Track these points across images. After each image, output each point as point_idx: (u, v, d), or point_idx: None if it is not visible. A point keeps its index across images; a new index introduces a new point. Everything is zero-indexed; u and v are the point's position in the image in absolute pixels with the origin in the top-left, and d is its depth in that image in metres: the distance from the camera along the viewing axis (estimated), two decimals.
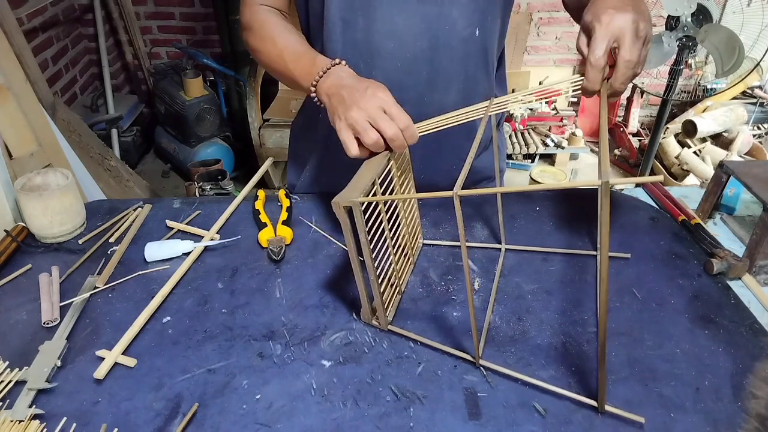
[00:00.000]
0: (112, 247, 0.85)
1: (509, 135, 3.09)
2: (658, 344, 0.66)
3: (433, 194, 0.56)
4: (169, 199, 0.97)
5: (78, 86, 2.93)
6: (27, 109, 1.58)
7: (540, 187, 0.51)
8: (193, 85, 2.74)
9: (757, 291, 0.76)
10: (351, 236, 0.61)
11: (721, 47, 1.92)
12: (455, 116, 0.70)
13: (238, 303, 0.73)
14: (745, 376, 0.61)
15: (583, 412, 0.58)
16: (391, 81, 0.83)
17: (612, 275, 0.77)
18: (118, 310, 0.72)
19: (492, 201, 0.94)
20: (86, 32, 3.04)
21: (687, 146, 2.83)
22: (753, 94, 3.01)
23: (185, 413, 0.58)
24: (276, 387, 0.61)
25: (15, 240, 0.83)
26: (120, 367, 0.64)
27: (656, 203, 0.97)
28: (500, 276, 0.77)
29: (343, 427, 0.56)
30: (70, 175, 0.87)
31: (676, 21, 2.04)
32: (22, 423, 0.56)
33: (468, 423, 0.57)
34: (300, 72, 0.78)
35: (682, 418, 0.57)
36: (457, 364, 0.64)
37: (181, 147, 2.85)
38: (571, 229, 0.88)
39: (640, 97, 3.23)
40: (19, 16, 2.18)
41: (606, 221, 0.46)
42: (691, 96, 2.89)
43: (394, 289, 0.72)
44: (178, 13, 3.13)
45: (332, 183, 0.79)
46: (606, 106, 0.59)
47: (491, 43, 0.87)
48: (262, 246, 0.84)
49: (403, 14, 0.78)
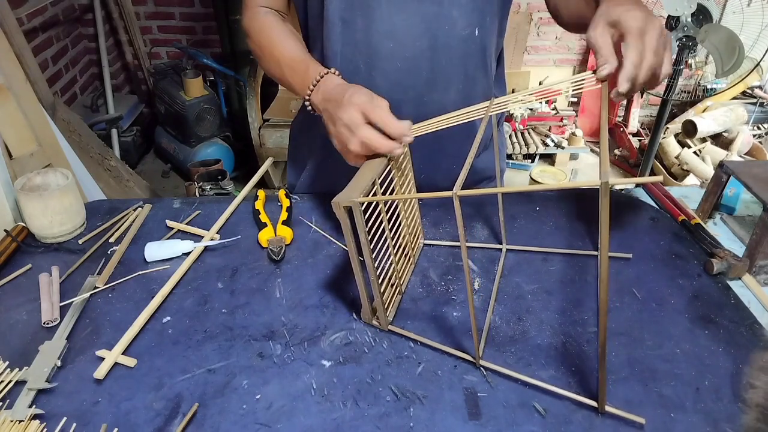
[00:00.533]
0: (112, 247, 0.85)
1: (509, 135, 3.09)
2: (658, 344, 0.66)
3: (432, 194, 0.56)
4: (169, 199, 0.97)
5: (78, 86, 2.93)
6: (27, 109, 1.58)
7: (540, 187, 0.51)
8: (193, 85, 2.74)
9: (757, 291, 0.76)
10: (351, 236, 0.61)
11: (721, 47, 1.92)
12: (455, 116, 0.70)
13: (238, 303, 0.73)
14: (745, 375, 0.61)
15: (583, 412, 0.58)
16: (391, 81, 0.83)
17: (612, 275, 0.77)
18: (118, 310, 0.72)
19: (492, 201, 0.94)
20: (86, 32, 3.04)
21: (687, 146, 2.83)
22: (753, 94, 3.02)
23: (185, 413, 0.58)
24: (276, 387, 0.61)
25: (15, 240, 0.83)
26: (120, 367, 0.64)
27: (656, 203, 0.97)
28: (500, 276, 0.77)
29: (343, 427, 0.56)
30: (70, 175, 0.87)
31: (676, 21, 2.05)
32: (22, 423, 0.56)
33: (468, 423, 0.57)
34: (296, 82, 0.80)
35: (682, 418, 0.57)
36: (457, 364, 0.64)
37: (181, 147, 2.85)
38: (571, 229, 0.88)
39: (640, 97, 3.23)
40: (19, 16, 2.18)
41: (606, 222, 0.46)
42: (691, 96, 2.89)
43: (394, 289, 0.72)
44: (178, 13, 3.14)
45: (332, 183, 0.79)
46: (606, 107, 0.59)
47: (490, 43, 0.87)
48: (262, 246, 0.84)
49: (402, 14, 0.78)
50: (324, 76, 0.75)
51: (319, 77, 0.75)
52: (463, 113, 0.70)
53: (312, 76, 0.76)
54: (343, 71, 0.82)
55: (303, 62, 0.79)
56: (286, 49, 0.82)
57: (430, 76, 0.84)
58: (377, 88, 0.82)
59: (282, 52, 0.82)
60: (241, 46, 2.88)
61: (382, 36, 0.80)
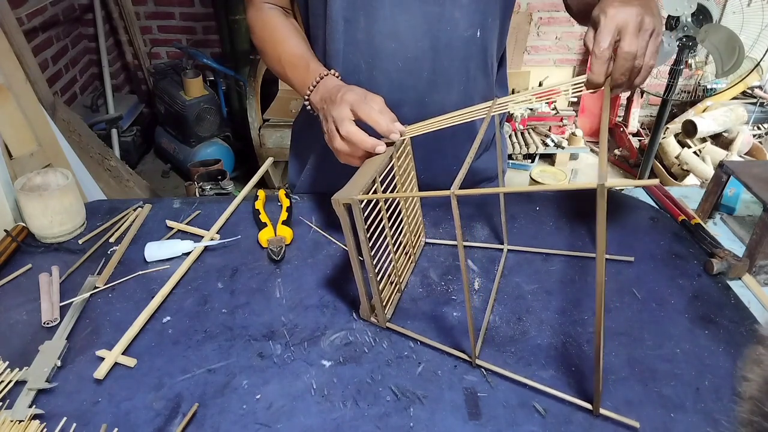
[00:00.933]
0: (112, 247, 0.85)
1: (509, 135, 3.09)
2: (658, 344, 0.66)
3: (430, 193, 0.56)
4: (169, 199, 0.97)
5: (78, 86, 2.93)
6: (27, 109, 1.58)
7: (539, 188, 0.51)
8: (193, 85, 2.74)
9: (757, 291, 0.76)
10: (350, 233, 0.61)
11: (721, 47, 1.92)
12: (456, 116, 0.70)
13: (238, 303, 0.73)
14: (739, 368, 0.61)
15: (583, 412, 0.58)
16: (392, 81, 0.83)
17: (612, 275, 0.77)
18: (118, 310, 0.72)
19: (493, 201, 0.94)
20: (86, 32, 3.04)
21: (687, 146, 2.83)
22: (753, 94, 3.02)
23: (185, 413, 0.58)
24: (276, 387, 0.61)
25: (15, 240, 0.83)
26: (120, 367, 0.64)
27: (656, 203, 0.97)
28: (501, 276, 0.77)
29: (343, 427, 0.56)
30: (70, 175, 0.87)
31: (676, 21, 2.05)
32: (22, 423, 0.56)
33: (468, 423, 0.57)
34: (296, 80, 0.81)
35: (682, 418, 0.57)
36: (457, 364, 0.64)
37: (181, 147, 2.85)
38: (571, 230, 0.88)
39: (640, 97, 3.23)
40: (19, 16, 2.18)
41: (603, 223, 0.46)
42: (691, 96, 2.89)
43: (393, 287, 0.72)
44: (178, 13, 3.14)
45: (333, 183, 0.79)
46: (608, 106, 0.59)
47: (492, 44, 0.87)
48: (262, 246, 0.84)
49: (405, 14, 0.79)
50: (324, 77, 0.76)
51: (319, 78, 0.76)
52: (465, 113, 0.70)
53: (312, 76, 0.77)
54: (344, 70, 0.82)
55: (304, 60, 0.80)
56: (288, 45, 0.83)
57: (431, 76, 0.84)
58: (378, 88, 0.82)
59: (284, 48, 0.83)
60: (241, 46, 2.88)
61: (384, 36, 0.80)
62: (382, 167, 0.65)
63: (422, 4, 0.78)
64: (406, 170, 0.75)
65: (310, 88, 0.77)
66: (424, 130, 0.71)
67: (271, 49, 0.85)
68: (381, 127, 0.67)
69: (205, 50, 3.13)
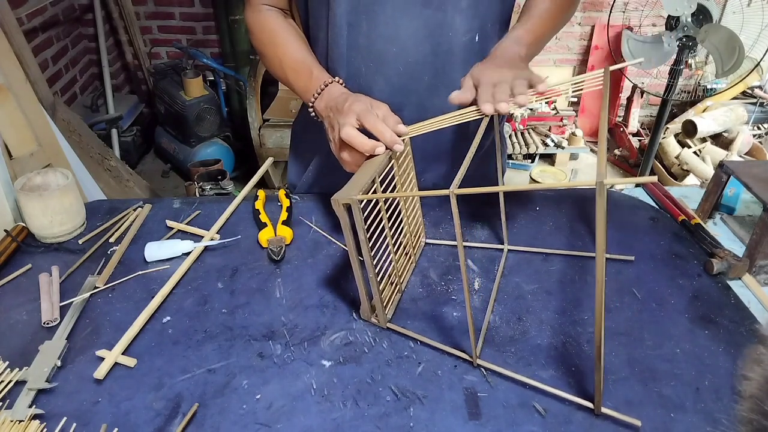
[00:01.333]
0: (112, 247, 0.85)
1: (509, 135, 3.09)
2: (658, 344, 0.66)
3: (429, 192, 0.56)
4: (169, 199, 0.97)
5: (78, 86, 2.93)
6: (27, 109, 1.58)
7: (539, 187, 0.51)
8: (193, 85, 2.74)
9: (757, 291, 0.76)
10: (350, 233, 0.61)
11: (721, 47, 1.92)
12: (457, 116, 0.70)
13: (238, 303, 0.73)
14: (739, 367, 0.61)
15: (584, 412, 0.58)
16: (393, 85, 0.83)
17: (612, 275, 0.77)
18: (118, 310, 0.72)
19: (493, 201, 0.93)
20: (86, 32, 3.04)
21: (687, 146, 2.83)
22: (753, 94, 3.01)
23: (185, 413, 0.58)
24: (276, 387, 0.61)
25: (15, 240, 0.83)
26: (120, 367, 0.64)
27: (656, 203, 0.97)
28: (501, 276, 0.77)
29: (343, 427, 0.56)
30: (70, 175, 0.87)
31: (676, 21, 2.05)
32: (22, 423, 0.56)
33: (468, 423, 0.57)
34: (299, 86, 0.82)
35: (682, 418, 0.57)
36: (457, 364, 0.64)
37: (181, 147, 2.85)
38: (571, 230, 0.88)
39: (640, 97, 3.23)
40: (19, 16, 2.18)
41: (602, 222, 0.46)
42: (691, 96, 2.89)
43: (394, 287, 0.72)
44: (178, 13, 3.14)
45: (333, 183, 0.79)
46: (606, 109, 0.59)
47: (491, 49, 0.87)
48: (262, 246, 0.84)
49: (406, 18, 0.79)
50: (329, 84, 0.77)
51: (323, 85, 0.77)
52: (465, 113, 0.70)
53: (316, 84, 0.78)
54: (347, 74, 0.82)
55: (306, 66, 0.80)
56: (289, 49, 0.82)
57: (432, 81, 0.84)
58: (379, 92, 0.82)
59: (285, 52, 0.83)
60: (241, 46, 2.89)
61: (385, 40, 0.80)
62: (381, 167, 0.65)
63: (423, 8, 0.78)
64: (405, 170, 0.75)
65: (315, 96, 0.77)
66: (425, 129, 0.71)
67: (271, 52, 0.85)
68: (385, 138, 0.67)
69: (205, 50, 3.13)
